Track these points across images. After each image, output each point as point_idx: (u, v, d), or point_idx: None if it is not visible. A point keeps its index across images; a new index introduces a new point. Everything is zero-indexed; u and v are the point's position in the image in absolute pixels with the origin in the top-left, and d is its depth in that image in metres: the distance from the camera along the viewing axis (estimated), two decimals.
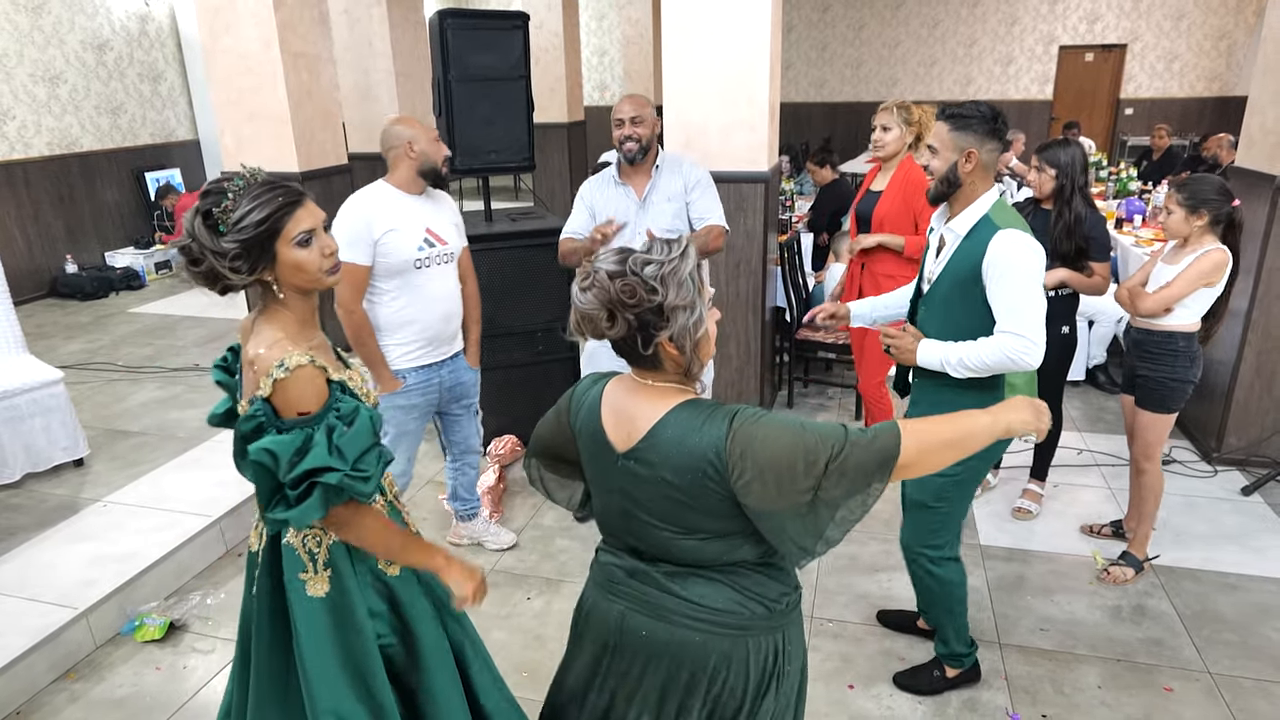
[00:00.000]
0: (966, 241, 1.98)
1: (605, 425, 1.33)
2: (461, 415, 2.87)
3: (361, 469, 1.36)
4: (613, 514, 1.37)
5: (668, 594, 1.32)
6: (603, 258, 1.24)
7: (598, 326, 1.23)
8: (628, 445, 1.29)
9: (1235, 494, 3.39)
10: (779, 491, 1.19)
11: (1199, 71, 10.60)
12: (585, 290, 1.23)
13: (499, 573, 2.97)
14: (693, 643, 1.30)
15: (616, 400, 1.33)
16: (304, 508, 1.32)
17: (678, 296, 1.21)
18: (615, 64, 12.54)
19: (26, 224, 6.63)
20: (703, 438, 1.22)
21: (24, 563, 2.85)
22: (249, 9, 3.98)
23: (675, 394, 1.29)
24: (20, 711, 2.36)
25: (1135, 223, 5.32)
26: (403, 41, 6.48)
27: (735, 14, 3.52)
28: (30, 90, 6.64)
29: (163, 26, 7.94)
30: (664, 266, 1.21)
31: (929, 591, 2.26)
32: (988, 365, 1.93)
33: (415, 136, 2.49)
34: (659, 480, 1.26)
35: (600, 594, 1.41)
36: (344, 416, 1.38)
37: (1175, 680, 2.39)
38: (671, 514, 1.28)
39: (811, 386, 4.69)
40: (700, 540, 1.28)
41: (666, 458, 1.24)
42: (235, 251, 1.34)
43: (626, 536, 1.36)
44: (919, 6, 11.34)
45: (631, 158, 2.73)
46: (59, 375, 3.48)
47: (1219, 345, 3.64)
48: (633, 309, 1.21)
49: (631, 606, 1.35)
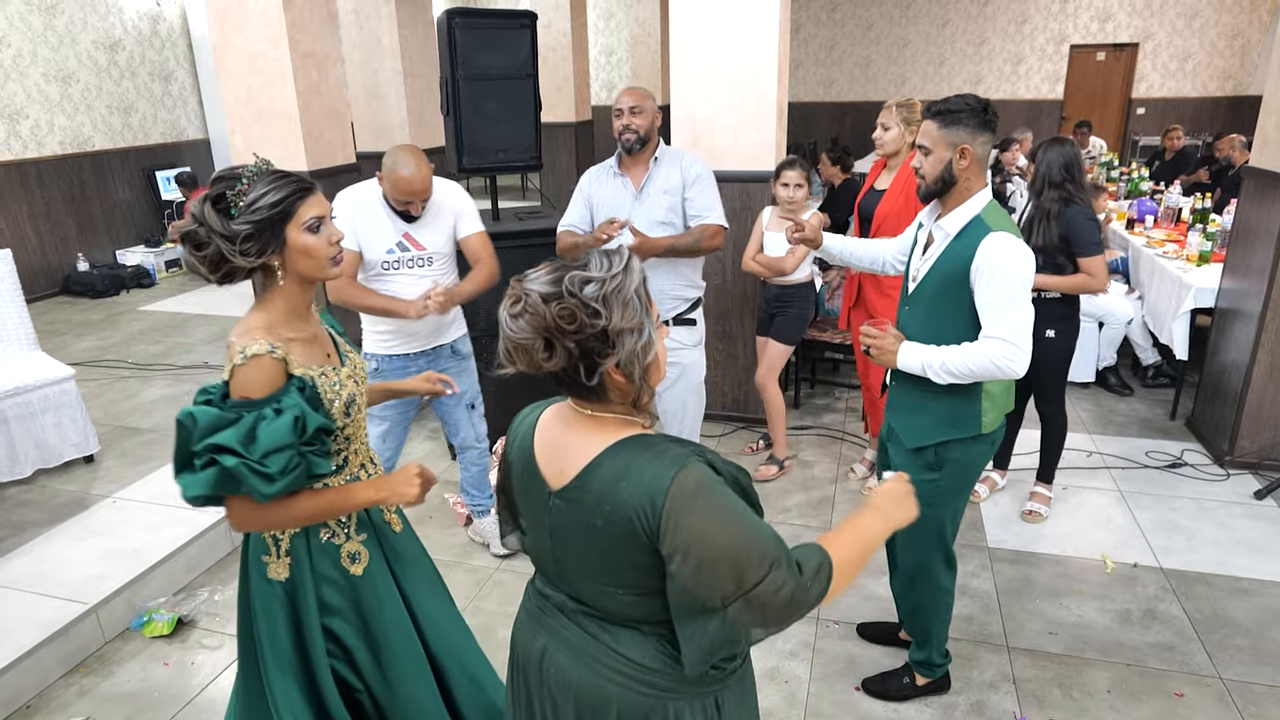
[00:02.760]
0: (956, 241, 1.92)
1: (538, 458, 1.19)
2: (453, 408, 2.85)
3: (265, 465, 1.34)
4: (544, 555, 1.23)
5: (593, 639, 1.18)
6: (534, 277, 1.07)
7: (533, 358, 1.06)
8: (560, 483, 1.15)
9: (1248, 498, 3.36)
10: (695, 580, 1.05)
11: (1212, 71, 10.51)
12: (516, 317, 1.05)
13: (504, 571, 2.98)
14: (608, 695, 1.16)
15: (551, 431, 1.19)
16: (193, 479, 1.34)
17: (623, 318, 1.05)
18: (622, 63, 12.53)
19: (39, 222, 6.69)
20: (639, 485, 1.06)
21: (35, 558, 2.87)
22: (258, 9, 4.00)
23: (617, 427, 1.13)
24: (31, 705, 2.37)
25: (1147, 223, 5.28)
26: (411, 41, 6.49)
27: (744, 13, 3.52)
28: (43, 90, 6.69)
29: (173, 26, 7.99)
30: (605, 285, 1.05)
31: (917, 596, 2.22)
32: (971, 372, 1.87)
33: (386, 174, 2.48)
34: (589, 526, 1.11)
35: (527, 622, 1.29)
36: (279, 410, 1.37)
37: (1186, 686, 2.37)
38: (601, 565, 1.13)
39: (819, 387, 4.67)
40: (634, 596, 1.13)
41: (599, 501, 1.09)
42: (246, 233, 1.39)
43: (558, 581, 1.23)
44: (928, 5, 11.29)
45: (629, 147, 2.73)
46: (70, 372, 3.51)
47: (1232, 347, 3.61)
48: (573, 336, 1.05)
49: (554, 643, 1.22)
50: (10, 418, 3.31)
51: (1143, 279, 4.67)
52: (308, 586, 1.53)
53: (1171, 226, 5.21)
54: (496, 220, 3.69)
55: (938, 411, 2.01)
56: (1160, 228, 5.22)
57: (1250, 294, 3.49)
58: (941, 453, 2.03)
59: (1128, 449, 3.78)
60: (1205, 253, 4.30)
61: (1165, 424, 4.06)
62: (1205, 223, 4.73)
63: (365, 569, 1.58)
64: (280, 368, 1.41)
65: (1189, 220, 5.04)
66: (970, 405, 1.99)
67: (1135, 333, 4.51)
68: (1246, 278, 3.53)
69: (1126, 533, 3.13)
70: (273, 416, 1.36)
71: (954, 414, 2.00)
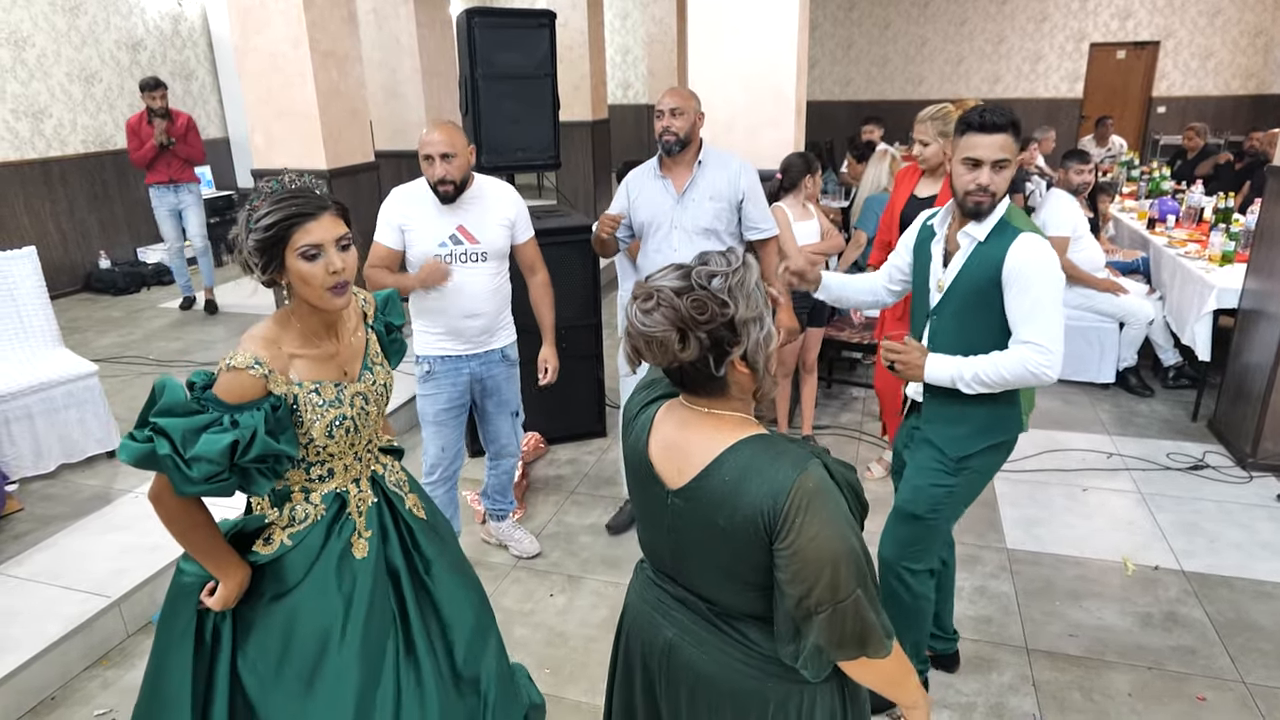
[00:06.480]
0: (984, 247, 1.87)
1: (653, 457, 1.21)
2: (494, 413, 2.82)
3: (190, 468, 1.36)
4: (660, 550, 1.26)
5: (722, 633, 1.21)
6: (660, 276, 1.13)
7: (669, 350, 1.10)
8: (679, 482, 1.17)
9: (1271, 500, 3.32)
10: (793, 582, 1.08)
11: (1234, 69, 10.37)
12: (650, 312, 1.10)
13: (521, 569, 2.99)
14: (744, 686, 1.19)
15: (667, 430, 1.21)
16: (129, 445, 1.37)
17: (747, 308, 1.11)
18: (639, 62, 12.52)
19: (62, 220, 6.77)
20: (763, 485, 1.09)
21: (59, 551, 2.91)
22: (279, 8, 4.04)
23: (736, 425, 1.16)
24: (55, 696, 2.41)
25: (1168, 223, 5.22)
26: (430, 40, 6.51)
27: (763, 12, 3.51)
28: (66, 89, 6.77)
29: (194, 26, 8.06)
30: (730, 278, 1.11)
31: (898, 604, 2.13)
32: (1005, 380, 1.83)
33: (421, 150, 2.46)
34: (711, 525, 1.14)
35: (647, 614, 1.30)
36: (235, 424, 1.38)
37: (1208, 689, 2.34)
38: (724, 562, 1.15)
39: (835, 386, 4.65)
40: (756, 592, 1.15)
41: (720, 501, 1.12)
42: (251, 249, 1.42)
43: (676, 575, 1.26)
44: (946, 4, 11.21)
45: (669, 149, 2.72)
46: (93, 368, 3.55)
47: (1255, 348, 3.57)
48: (704, 326, 1.09)
49: (682, 636, 1.24)
50: (35, 413, 3.36)
51: (1164, 279, 4.62)
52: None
53: (1193, 226, 5.15)
54: None
55: (977, 418, 1.96)
56: (1182, 227, 5.16)
57: (1274, 295, 3.44)
58: (968, 458, 1.99)
59: (1148, 450, 3.74)
60: (1228, 253, 4.25)
61: (1186, 425, 4.02)
62: (1228, 222, 4.67)
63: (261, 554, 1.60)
64: (258, 385, 1.42)
65: (1211, 220, 4.98)
66: (1011, 407, 1.96)
67: (1156, 333, 4.46)
68: (1270, 278, 3.48)
69: (1147, 535, 3.10)
70: (221, 428, 1.38)
71: (994, 418, 1.96)
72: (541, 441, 3.81)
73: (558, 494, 3.50)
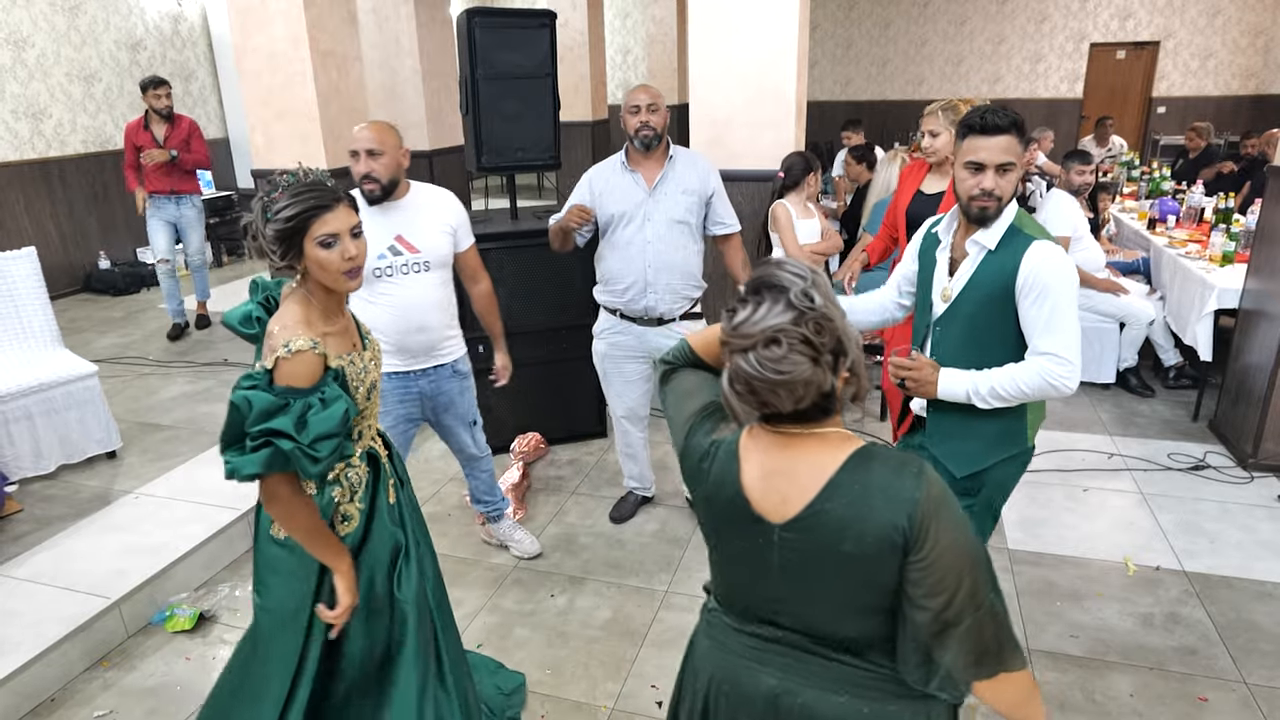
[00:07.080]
0: (994, 255, 1.79)
1: (748, 491, 1.10)
2: (453, 426, 2.73)
3: (316, 449, 1.46)
4: (758, 593, 1.15)
5: (842, 665, 1.12)
6: (758, 316, 1.02)
7: (812, 387, 1.02)
8: (786, 513, 1.08)
9: (1272, 500, 3.32)
10: (933, 592, 1.02)
11: (1234, 69, 10.37)
12: (783, 358, 0.99)
13: (523, 569, 2.98)
14: (862, 714, 1.11)
15: (760, 459, 1.10)
16: (248, 459, 1.44)
17: (841, 314, 1.05)
18: (639, 62, 12.53)
19: (62, 220, 6.77)
20: (892, 500, 1.03)
21: (59, 552, 2.91)
22: (279, 8, 4.03)
23: (840, 442, 1.08)
24: (55, 698, 2.40)
25: (1169, 223, 5.22)
26: (430, 40, 6.51)
27: (762, 11, 3.51)
28: (66, 89, 6.77)
29: (194, 26, 8.06)
30: (819, 286, 1.04)
31: None
32: (1024, 393, 1.74)
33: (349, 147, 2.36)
34: (833, 552, 1.06)
35: (736, 663, 1.18)
36: (324, 400, 1.50)
37: (1210, 690, 2.34)
38: (846, 590, 1.08)
39: None
40: (881, 617, 1.08)
41: (846, 524, 1.04)
42: (271, 237, 1.53)
43: (777, 617, 1.15)
44: (946, 4, 11.21)
45: (648, 143, 2.77)
46: (93, 369, 3.55)
47: (1256, 349, 3.57)
48: (829, 346, 1.02)
49: (792, 682, 1.14)
50: (35, 413, 3.35)
51: (1164, 279, 4.62)
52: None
53: (1194, 226, 5.15)
54: (515, 219, 3.70)
55: (986, 433, 1.87)
56: (1182, 227, 5.16)
57: (1275, 295, 3.44)
58: (980, 475, 1.90)
59: (1149, 451, 3.74)
60: (1229, 253, 4.24)
61: (1187, 426, 4.02)
62: (1228, 223, 4.67)
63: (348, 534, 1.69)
64: (321, 362, 1.53)
65: (1211, 220, 4.98)
66: (1019, 420, 1.87)
67: (1157, 334, 4.46)
68: (1271, 279, 3.48)
69: (1148, 535, 3.10)
70: (319, 406, 1.48)
71: (1003, 432, 1.88)
72: (542, 442, 3.81)
73: (558, 494, 3.50)
